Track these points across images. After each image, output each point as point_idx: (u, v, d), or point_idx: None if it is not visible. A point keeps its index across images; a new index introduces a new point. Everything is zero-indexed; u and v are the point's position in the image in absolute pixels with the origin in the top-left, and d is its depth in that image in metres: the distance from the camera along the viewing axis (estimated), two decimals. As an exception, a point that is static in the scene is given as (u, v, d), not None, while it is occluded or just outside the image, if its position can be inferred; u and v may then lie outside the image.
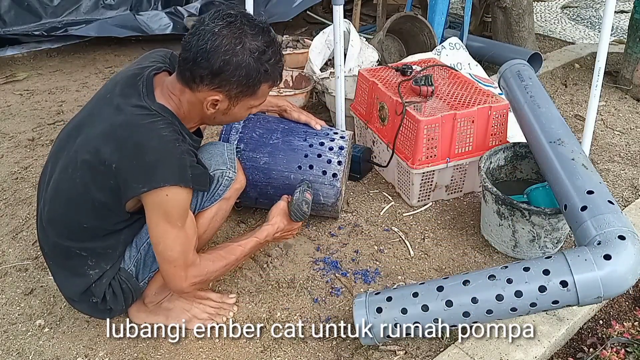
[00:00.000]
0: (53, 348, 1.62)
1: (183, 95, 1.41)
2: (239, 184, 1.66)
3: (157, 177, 1.31)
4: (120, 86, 1.43)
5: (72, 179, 1.40)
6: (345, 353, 1.59)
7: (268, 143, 1.97)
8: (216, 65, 1.32)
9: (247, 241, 1.60)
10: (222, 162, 1.59)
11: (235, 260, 1.57)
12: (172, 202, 1.34)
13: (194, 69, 1.34)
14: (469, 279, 1.47)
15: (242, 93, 1.40)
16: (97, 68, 3.73)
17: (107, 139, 1.34)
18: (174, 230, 1.37)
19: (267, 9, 4.09)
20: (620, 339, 1.57)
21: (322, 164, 1.96)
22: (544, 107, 1.90)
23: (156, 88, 1.42)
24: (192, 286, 1.47)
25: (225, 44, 1.31)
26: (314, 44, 2.84)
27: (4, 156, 2.65)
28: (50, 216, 1.47)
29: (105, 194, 1.38)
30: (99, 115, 1.41)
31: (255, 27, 1.36)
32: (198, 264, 1.45)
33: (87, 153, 1.36)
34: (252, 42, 1.34)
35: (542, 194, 1.89)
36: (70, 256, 1.49)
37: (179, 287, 1.46)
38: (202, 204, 1.57)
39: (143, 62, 1.51)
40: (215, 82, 1.36)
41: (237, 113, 1.47)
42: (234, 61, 1.33)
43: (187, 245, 1.41)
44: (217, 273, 1.53)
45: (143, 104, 1.37)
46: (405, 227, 2.12)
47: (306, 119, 2.01)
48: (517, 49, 3.39)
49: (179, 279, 1.43)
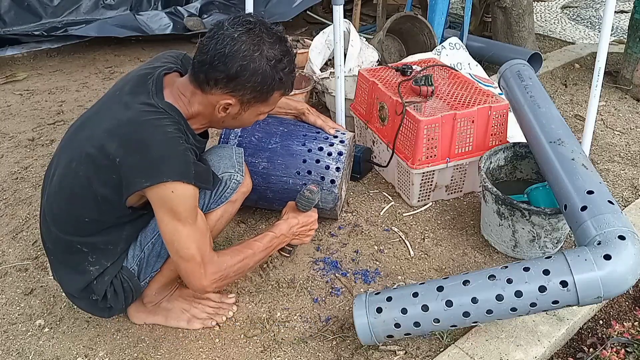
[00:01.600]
0: (53, 348, 1.62)
1: (194, 96, 1.42)
2: (245, 188, 1.67)
3: (160, 172, 1.31)
4: (130, 85, 1.44)
5: (76, 173, 1.40)
6: (345, 353, 1.59)
7: (267, 148, 1.96)
8: (233, 69, 1.34)
9: (262, 236, 1.57)
10: (230, 165, 1.59)
11: (252, 255, 1.52)
12: (178, 199, 1.33)
13: (210, 71, 1.35)
14: (469, 279, 1.47)
15: (254, 99, 1.41)
16: (97, 68, 3.73)
17: (112, 134, 1.35)
18: (186, 227, 1.36)
19: (267, 9, 4.09)
20: (620, 339, 1.57)
21: (320, 170, 1.95)
22: (544, 107, 1.90)
23: (166, 87, 1.43)
24: (213, 283, 1.44)
25: (243, 50, 1.33)
26: (314, 44, 2.84)
27: (4, 156, 2.65)
28: (54, 210, 1.47)
29: (107, 189, 1.38)
30: (107, 112, 1.42)
31: (274, 35, 1.38)
32: (216, 260, 1.43)
33: (92, 147, 1.37)
34: (269, 50, 1.36)
35: (542, 194, 1.89)
36: (72, 251, 1.49)
37: (200, 286, 1.43)
38: (209, 205, 1.58)
39: (155, 62, 1.52)
40: (230, 86, 1.37)
41: (246, 118, 1.48)
42: (251, 67, 1.34)
43: (202, 242, 1.40)
44: (236, 267, 1.49)
45: (151, 102, 1.38)
46: (405, 227, 2.12)
47: (322, 123, 2.01)
48: (517, 49, 3.38)
49: (199, 277, 1.41)
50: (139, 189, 1.34)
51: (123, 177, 1.34)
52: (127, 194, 1.36)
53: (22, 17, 3.85)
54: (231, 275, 1.49)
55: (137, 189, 1.34)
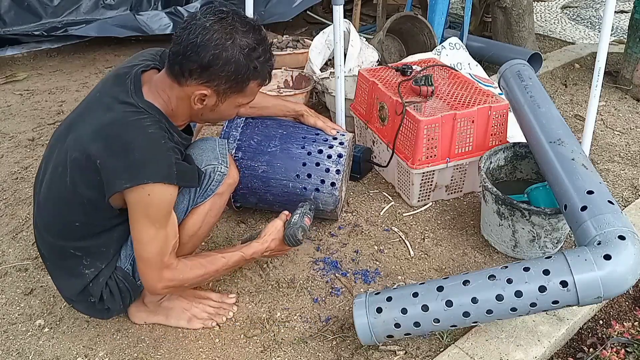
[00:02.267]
0: (53, 348, 1.62)
1: (172, 90, 1.41)
2: (231, 179, 1.63)
3: (142, 174, 1.31)
4: (109, 85, 1.44)
5: (62, 178, 1.40)
6: (345, 353, 1.59)
7: (266, 151, 1.96)
8: (206, 59, 1.33)
9: (232, 255, 1.57)
10: (213, 157, 1.57)
11: (215, 272, 1.54)
12: (154, 201, 1.34)
13: (184, 62, 1.35)
14: (469, 279, 1.47)
15: (230, 89, 1.40)
16: (97, 68, 3.73)
17: (95, 137, 1.35)
18: (153, 230, 1.37)
19: (267, 9, 4.09)
20: (620, 339, 1.57)
21: (320, 173, 1.95)
22: (544, 107, 1.90)
23: (144, 85, 1.42)
24: (165, 289, 1.45)
25: (215, 39, 1.32)
26: (314, 44, 2.84)
27: (4, 156, 2.65)
28: (44, 217, 1.48)
29: (92, 191, 1.38)
30: (89, 115, 1.41)
31: (247, 24, 1.37)
32: (174, 268, 1.44)
33: (76, 151, 1.37)
34: (242, 39, 1.35)
35: (543, 194, 1.88)
36: (66, 256, 1.49)
37: (152, 288, 1.45)
38: (195, 200, 1.55)
39: (133, 61, 1.51)
40: (204, 76, 1.36)
41: (225, 110, 1.47)
42: (224, 56, 1.33)
43: (165, 247, 1.40)
44: (193, 280, 1.50)
45: (131, 101, 1.37)
46: (405, 227, 2.12)
47: (322, 125, 2.01)
48: (517, 49, 3.38)
49: (152, 279, 1.42)
50: (118, 190, 1.33)
51: (104, 178, 1.34)
52: (108, 194, 1.36)
53: (22, 17, 3.85)
54: (186, 285, 1.51)
55: (117, 190, 1.33)
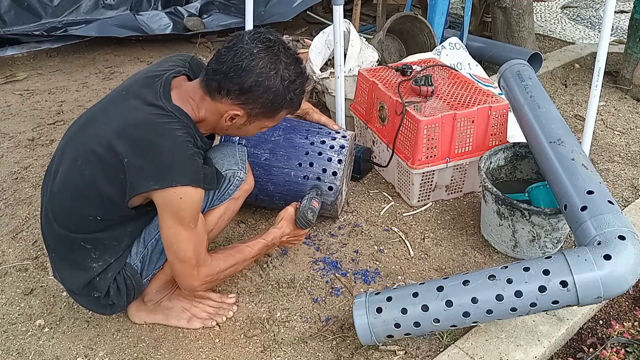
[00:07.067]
0: (53, 348, 1.62)
1: (202, 102, 1.44)
2: (248, 185, 1.71)
3: (170, 176, 1.34)
4: (137, 85, 1.45)
5: (81, 171, 1.41)
6: (345, 353, 1.59)
7: (269, 140, 1.98)
8: (247, 83, 1.37)
9: (255, 242, 1.65)
10: (234, 162, 1.64)
11: (243, 260, 1.61)
12: (184, 204, 1.37)
13: (224, 81, 1.38)
14: (469, 279, 1.47)
15: (262, 114, 1.45)
16: (97, 68, 3.73)
17: (121, 135, 1.37)
18: (187, 231, 1.41)
19: (267, 9, 4.09)
20: (620, 339, 1.57)
21: (322, 162, 1.97)
22: (544, 107, 1.90)
23: (173, 90, 1.44)
24: (204, 285, 1.51)
25: (260, 66, 1.37)
26: (314, 44, 2.84)
27: (4, 156, 2.65)
28: (57, 207, 1.48)
29: (112, 188, 1.40)
30: (113, 111, 1.43)
31: (290, 56, 1.42)
32: (210, 263, 1.50)
33: (99, 146, 1.38)
34: (285, 70, 1.40)
35: (543, 193, 1.89)
36: (74, 248, 1.49)
37: (191, 286, 1.50)
38: (212, 202, 1.61)
39: (163, 64, 1.54)
40: (242, 98, 1.40)
41: (250, 130, 1.52)
42: (266, 84, 1.38)
43: (200, 246, 1.46)
44: (227, 272, 1.57)
45: (159, 104, 1.40)
46: (405, 227, 2.12)
47: (326, 120, 2.07)
48: (517, 49, 3.38)
49: (191, 278, 1.47)
50: (145, 191, 1.36)
51: (129, 178, 1.36)
52: (131, 194, 1.38)
53: (22, 17, 3.85)
54: (221, 277, 1.57)
55: (144, 191, 1.36)
